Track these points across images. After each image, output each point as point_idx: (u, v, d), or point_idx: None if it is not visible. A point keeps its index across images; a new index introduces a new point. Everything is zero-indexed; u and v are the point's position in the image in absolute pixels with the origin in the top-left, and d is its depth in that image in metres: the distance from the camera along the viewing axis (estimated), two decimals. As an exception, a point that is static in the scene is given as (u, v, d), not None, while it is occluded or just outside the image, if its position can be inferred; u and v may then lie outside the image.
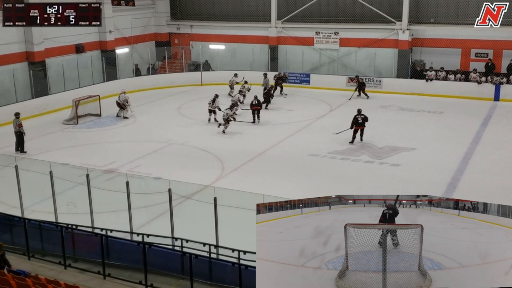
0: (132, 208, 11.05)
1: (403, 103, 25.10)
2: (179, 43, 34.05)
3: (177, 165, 17.14)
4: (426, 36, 28.35)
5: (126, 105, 23.32)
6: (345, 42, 29.62)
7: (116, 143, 20.01)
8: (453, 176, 15.80)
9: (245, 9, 32.24)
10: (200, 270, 9.49)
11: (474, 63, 27.09)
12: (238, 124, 21.34)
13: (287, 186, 15.01)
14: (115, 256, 10.32)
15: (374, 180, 15.64)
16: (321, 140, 19.44)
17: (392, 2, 28.48)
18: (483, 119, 22.21)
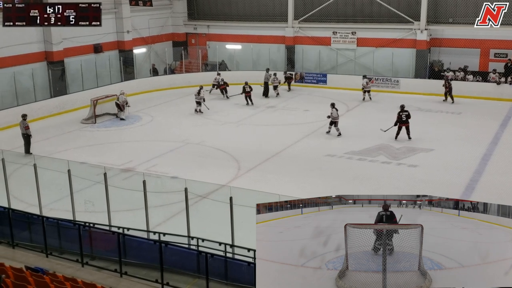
0: (149, 207, 11.11)
1: (421, 104, 24.86)
2: (196, 43, 34.16)
3: (193, 164, 17.20)
4: (444, 36, 28.07)
5: (126, 106, 23.27)
6: (362, 42, 29.45)
7: (133, 142, 20.14)
8: (472, 177, 15.61)
9: (262, 9, 32.24)
10: (215, 269, 9.50)
11: (493, 63, 26.74)
12: (255, 125, 21.36)
13: (303, 187, 14.96)
14: (132, 254, 10.38)
15: (391, 181, 15.53)
16: (337, 141, 19.35)
17: (410, 2, 28.25)
18: (502, 120, 21.91)
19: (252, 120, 22.79)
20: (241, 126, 21.90)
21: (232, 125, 21.93)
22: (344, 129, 20.88)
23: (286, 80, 28.67)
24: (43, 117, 22.84)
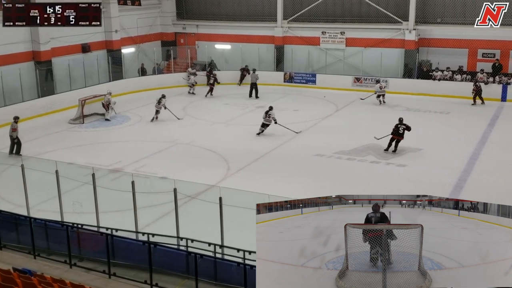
0: (138, 207, 11.04)
1: (410, 104, 25.00)
2: (185, 43, 34.06)
3: (182, 164, 17.14)
4: (432, 36, 28.23)
5: (110, 107, 23.07)
6: (351, 42, 29.54)
7: (122, 142, 20.03)
8: (460, 176, 15.72)
9: (251, 9, 32.22)
10: (205, 270, 9.48)
11: (481, 63, 26.96)
12: (244, 125, 21.34)
13: (293, 187, 14.96)
14: (121, 255, 10.32)
15: (380, 180, 15.58)
16: (327, 140, 19.38)
17: (399, 2, 28.38)
18: (490, 120, 22.09)
19: (242, 120, 22.77)
20: (231, 126, 21.87)
21: (221, 125, 21.89)
22: (333, 129, 20.95)
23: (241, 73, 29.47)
24: (31, 117, 22.64)
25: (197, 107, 25.08)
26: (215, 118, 22.98)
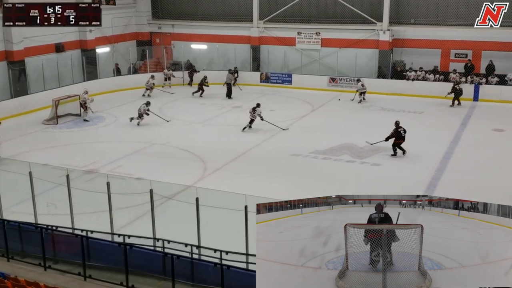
0: (113, 209, 10.96)
1: (384, 103, 25.30)
2: (161, 43, 33.87)
3: (159, 165, 17.07)
4: (406, 37, 28.62)
5: (86, 106, 22.78)
6: (326, 43, 29.77)
7: (96, 143, 19.84)
8: (433, 175, 15.98)
9: (227, 9, 32.21)
10: (182, 270, 9.46)
11: (454, 63, 27.43)
12: (221, 125, 21.35)
13: (270, 186, 15.02)
14: (96, 257, 10.24)
15: (355, 179, 15.75)
16: (303, 140, 19.50)
17: (373, 3, 28.70)
18: (463, 119, 22.50)
19: (218, 120, 22.77)
20: (207, 127, 21.84)
21: (198, 126, 21.85)
22: (309, 128, 21.09)
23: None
24: (3, 118, 22.19)
25: (173, 108, 24.98)
26: (192, 118, 22.93)
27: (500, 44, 26.42)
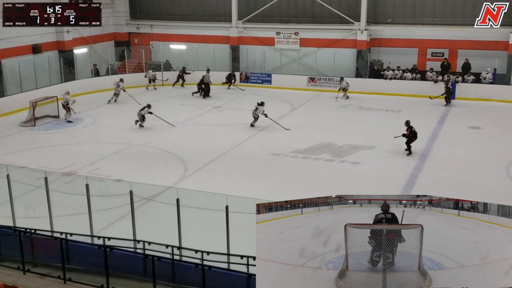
0: (93, 211, 10.89)
1: (362, 103, 25.54)
2: (139, 43, 33.69)
3: (138, 166, 16.98)
4: (383, 36, 28.92)
5: (68, 107, 22.57)
6: (305, 43, 29.93)
7: (75, 145, 19.66)
8: (412, 173, 16.18)
9: (206, 9, 32.17)
10: (163, 272, 9.43)
11: (431, 62, 27.80)
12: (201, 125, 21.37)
13: (250, 186, 15.07)
14: (76, 260, 10.16)
15: (335, 178, 15.88)
16: (283, 140, 19.60)
17: (351, 3, 28.94)
18: (440, 117, 22.82)
19: (198, 121, 22.74)
20: (187, 127, 21.80)
21: (178, 126, 21.78)
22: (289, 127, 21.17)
23: (228, 80, 29.05)
24: (-21, 121, 22.00)
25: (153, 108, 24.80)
26: (172, 118, 22.80)
27: (476, 42, 26.86)
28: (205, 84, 27.14)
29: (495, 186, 15.01)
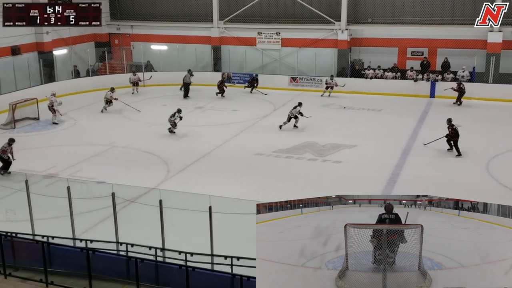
0: (75, 213, 10.83)
1: (344, 102, 25.69)
2: (120, 44, 33.47)
3: (120, 168, 16.88)
4: (364, 36, 29.14)
5: (54, 109, 22.30)
6: (286, 42, 30.02)
7: (56, 147, 19.47)
8: (393, 171, 16.33)
9: (186, 10, 32.08)
10: (146, 274, 9.41)
11: (411, 61, 28.09)
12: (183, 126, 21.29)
13: (233, 186, 15.08)
14: (58, 263, 10.08)
15: (317, 177, 15.97)
16: (265, 140, 19.63)
17: (331, 3, 29.10)
18: (420, 116, 23.06)
19: (181, 121, 22.61)
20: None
21: (160, 127, 21.67)
22: (272, 128, 21.22)
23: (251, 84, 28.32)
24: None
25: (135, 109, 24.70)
26: (154, 119, 22.74)
27: (454, 41, 27.21)
28: (185, 84, 27.09)
29: (476, 183, 15.23)
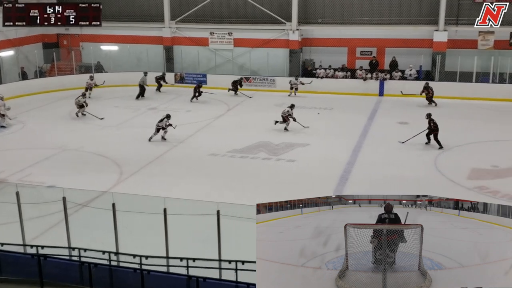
0: (24, 219, 10.59)
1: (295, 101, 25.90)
2: (69, 44, 32.74)
3: (72, 171, 16.56)
4: (314, 36, 29.59)
5: (1, 114, 21.66)
6: (239, 43, 30.13)
7: (3, 151, 18.90)
8: (345, 168, 16.68)
9: (137, 9, 31.72)
10: (100, 279, 9.30)
11: (360, 60, 28.72)
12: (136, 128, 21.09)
13: (188, 188, 15.06)
14: (8, 270, 9.83)
15: (272, 176, 16.13)
16: (220, 140, 19.67)
17: (282, 3, 29.40)
18: (370, 114, 23.63)
19: (133, 123, 22.41)
20: (122, 130, 21.44)
21: (112, 129, 21.39)
22: (226, 128, 21.30)
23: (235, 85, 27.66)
24: None
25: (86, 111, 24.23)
26: (106, 121, 22.41)
27: (402, 41, 28.02)
28: (140, 86, 26.81)
29: (424, 178, 15.73)
